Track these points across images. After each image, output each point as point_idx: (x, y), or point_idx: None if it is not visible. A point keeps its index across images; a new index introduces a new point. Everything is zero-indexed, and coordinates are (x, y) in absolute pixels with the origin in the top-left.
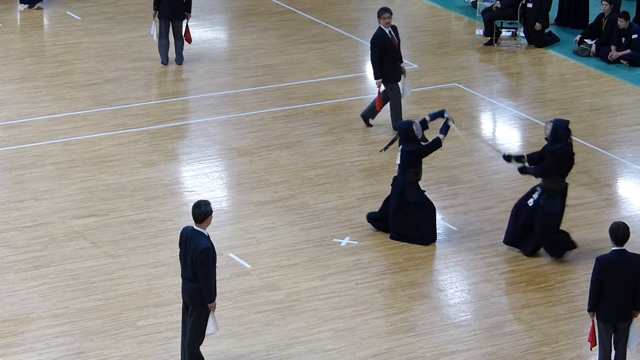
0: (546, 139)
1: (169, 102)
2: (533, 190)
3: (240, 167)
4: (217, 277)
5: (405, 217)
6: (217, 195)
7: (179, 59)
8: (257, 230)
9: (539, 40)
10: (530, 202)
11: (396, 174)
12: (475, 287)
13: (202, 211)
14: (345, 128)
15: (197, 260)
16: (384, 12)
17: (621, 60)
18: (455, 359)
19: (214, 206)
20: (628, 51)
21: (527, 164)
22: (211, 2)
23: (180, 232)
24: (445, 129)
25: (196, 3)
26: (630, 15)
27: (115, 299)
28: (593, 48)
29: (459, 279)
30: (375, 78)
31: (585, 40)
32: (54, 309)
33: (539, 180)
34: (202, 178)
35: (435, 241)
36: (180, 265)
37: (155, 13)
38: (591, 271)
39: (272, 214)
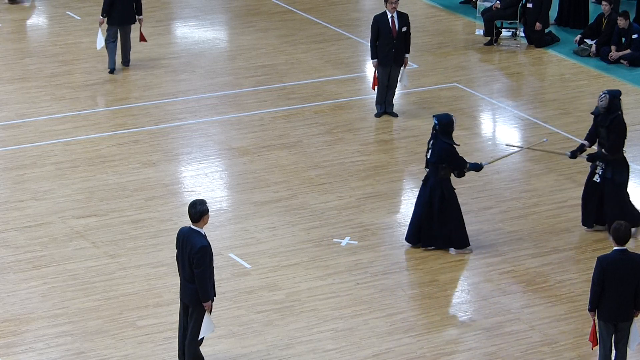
0: (600, 110)
1: (169, 102)
2: (594, 167)
3: (240, 167)
4: (217, 277)
5: (444, 219)
6: (217, 195)
7: (127, 61)
8: (257, 230)
9: (539, 40)
10: (597, 178)
11: (426, 175)
12: (475, 287)
13: (197, 210)
14: (345, 128)
15: (194, 259)
16: None
17: (621, 60)
18: (455, 359)
19: (214, 206)
20: (628, 51)
21: (587, 150)
22: (211, 2)
23: (177, 232)
24: (478, 166)
25: (196, 3)
26: (630, 15)
27: (115, 299)
28: (593, 48)
29: (459, 279)
30: (371, 58)
31: (585, 40)
32: (54, 309)
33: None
34: (202, 178)
35: (465, 247)
36: (177, 266)
37: (104, 20)
38: (591, 271)
39: (272, 214)
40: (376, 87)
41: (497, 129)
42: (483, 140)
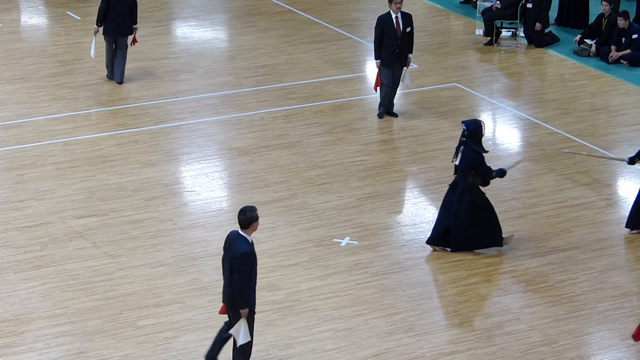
0: None
1: (169, 102)
2: None
3: (240, 167)
4: (217, 277)
5: (477, 223)
6: (217, 195)
7: (119, 76)
8: (257, 230)
9: (539, 40)
10: None
11: (454, 180)
12: (475, 287)
13: (246, 217)
14: (345, 128)
15: (235, 264)
16: None
17: (621, 60)
18: (455, 359)
19: (213, 206)
20: (628, 51)
21: None
22: (211, 2)
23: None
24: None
25: (196, 3)
26: (630, 15)
27: (115, 299)
28: (593, 48)
29: (459, 279)
30: (375, 58)
31: (585, 40)
32: (54, 309)
33: None
34: (202, 178)
35: (501, 245)
36: (222, 268)
37: (98, 30)
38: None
39: (272, 214)
40: (378, 88)
41: (497, 129)
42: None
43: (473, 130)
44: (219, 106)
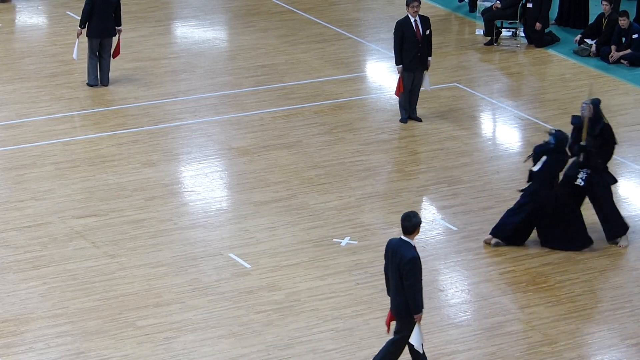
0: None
1: (169, 102)
2: (576, 172)
3: (240, 167)
4: (217, 277)
5: (567, 222)
6: (217, 195)
7: (106, 80)
8: (257, 230)
9: (539, 40)
10: (579, 182)
11: (529, 188)
12: (475, 287)
13: (412, 223)
14: (345, 128)
15: (404, 271)
16: (412, 2)
17: (621, 60)
18: (455, 359)
19: (213, 206)
20: (628, 51)
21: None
22: (211, 2)
23: (386, 243)
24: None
25: (196, 3)
26: (631, 15)
27: (115, 299)
28: (593, 48)
29: (459, 279)
30: (396, 64)
31: (585, 40)
32: (54, 309)
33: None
34: (202, 178)
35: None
36: (385, 277)
37: (81, 32)
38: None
39: (272, 214)
40: (400, 94)
41: (497, 129)
42: (483, 140)
43: (560, 143)
44: (219, 106)
